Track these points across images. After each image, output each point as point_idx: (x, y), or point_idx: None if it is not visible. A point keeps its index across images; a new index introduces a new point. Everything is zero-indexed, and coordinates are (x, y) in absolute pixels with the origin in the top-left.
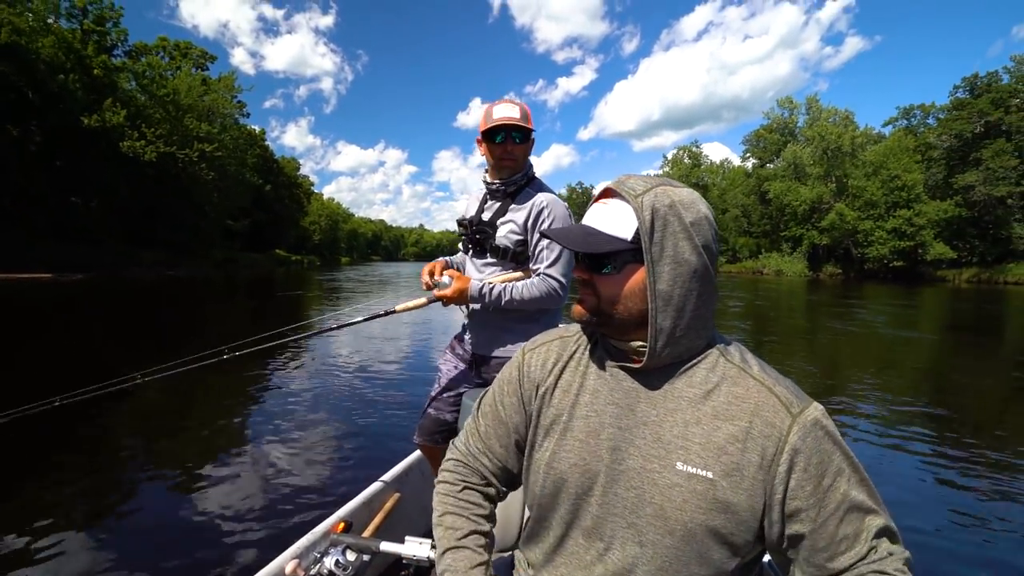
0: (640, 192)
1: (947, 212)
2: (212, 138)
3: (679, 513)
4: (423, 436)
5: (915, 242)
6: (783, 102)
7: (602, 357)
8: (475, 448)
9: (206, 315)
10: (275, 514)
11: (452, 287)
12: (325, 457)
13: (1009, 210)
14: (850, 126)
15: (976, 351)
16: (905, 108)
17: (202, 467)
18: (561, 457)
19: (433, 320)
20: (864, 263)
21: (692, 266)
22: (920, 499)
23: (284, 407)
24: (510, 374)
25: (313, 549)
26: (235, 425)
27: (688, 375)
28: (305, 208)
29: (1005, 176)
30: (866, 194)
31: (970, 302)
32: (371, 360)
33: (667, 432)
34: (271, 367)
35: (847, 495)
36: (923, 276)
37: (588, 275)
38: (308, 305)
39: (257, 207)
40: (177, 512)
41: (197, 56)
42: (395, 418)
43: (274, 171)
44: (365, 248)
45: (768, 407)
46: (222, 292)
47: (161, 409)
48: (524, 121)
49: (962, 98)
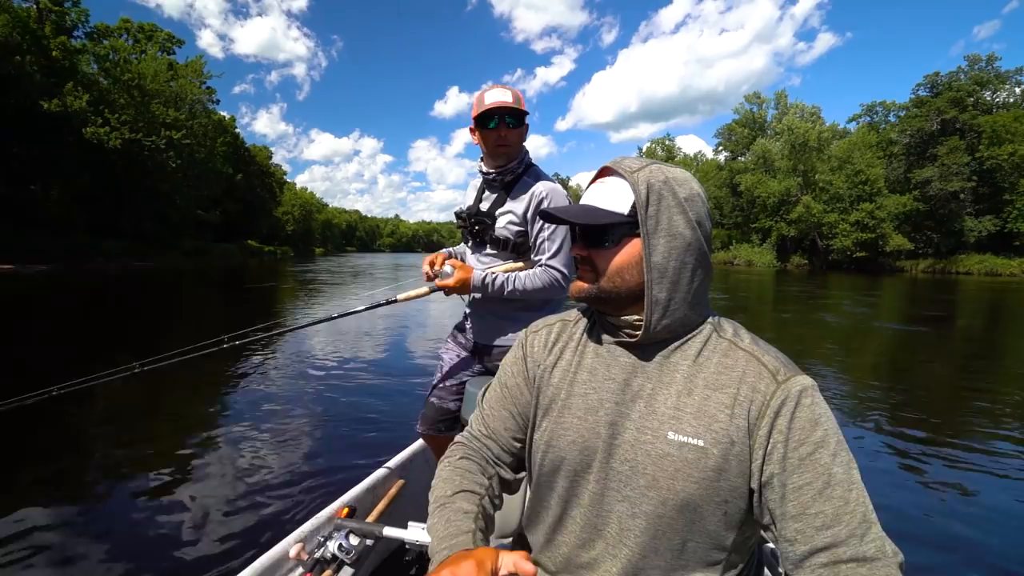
0: (636, 169)
1: (906, 206)
2: (180, 125)
3: (671, 482)
4: (426, 425)
5: (876, 234)
6: (751, 97)
7: (600, 336)
8: (479, 433)
9: (180, 307)
10: (280, 499)
11: (454, 277)
12: (329, 443)
13: (961, 204)
14: (817, 121)
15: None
16: (868, 105)
17: (207, 454)
18: (560, 435)
19: (435, 309)
20: (829, 254)
21: (686, 239)
22: (872, 472)
23: (287, 395)
24: (515, 356)
25: (317, 533)
26: (238, 413)
27: (683, 349)
28: (278, 198)
29: (958, 172)
30: (831, 188)
31: (926, 291)
32: (374, 349)
33: (660, 404)
34: (273, 355)
35: (827, 468)
36: (883, 267)
37: (586, 251)
38: (282, 299)
39: (229, 197)
40: (182, 497)
41: (163, 39)
42: (399, 405)
43: (245, 160)
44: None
45: (754, 373)
46: (191, 284)
47: (162, 397)
48: (517, 104)
49: (923, 96)
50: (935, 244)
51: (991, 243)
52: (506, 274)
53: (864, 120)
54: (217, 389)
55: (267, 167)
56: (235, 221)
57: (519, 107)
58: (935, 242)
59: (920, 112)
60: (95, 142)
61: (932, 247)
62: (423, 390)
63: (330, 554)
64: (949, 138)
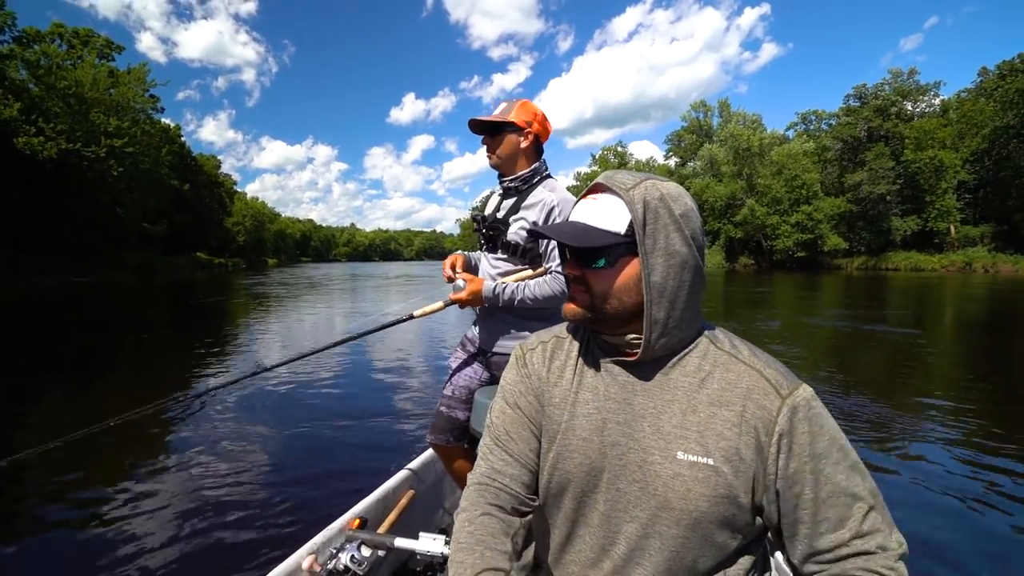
0: (630, 186)
1: (840, 208)
2: (122, 133)
3: (684, 503)
4: (436, 435)
5: (814, 235)
6: (697, 105)
7: (596, 354)
8: (498, 462)
9: (119, 328)
10: (291, 510)
11: (466, 290)
12: (340, 454)
13: (888, 205)
14: (758, 128)
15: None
16: (803, 113)
17: (217, 466)
18: (566, 457)
19: (446, 318)
20: (773, 254)
21: (683, 257)
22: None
23: (297, 406)
24: (518, 374)
25: (329, 545)
26: (248, 425)
27: (681, 365)
28: (228, 208)
29: (885, 176)
30: (772, 191)
31: (860, 288)
32: (384, 359)
33: (666, 423)
34: (284, 367)
35: (832, 476)
36: (822, 265)
37: (580, 271)
38: (234, 314)
39: (176, 208)
40: (196, 508)
41: (101, 45)
42: (409, 415)
43: (192, 169)
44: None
45: (759, 390)
46: (133, 301)
47: (179, 411)
48: (502, 116)
49: (852, 106)
50: (867, 243)
51: (915, 241)
52: (516, 284)
53: (800, 128)
54: (223, 401)
55: (215, 176)
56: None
57: (496, 119)
58: (867, 241)
59: (849, 120)
60: (28, 152)
61: (864, 245)
62: (433, 399)
63: (342, 566)
64: (876, 144)
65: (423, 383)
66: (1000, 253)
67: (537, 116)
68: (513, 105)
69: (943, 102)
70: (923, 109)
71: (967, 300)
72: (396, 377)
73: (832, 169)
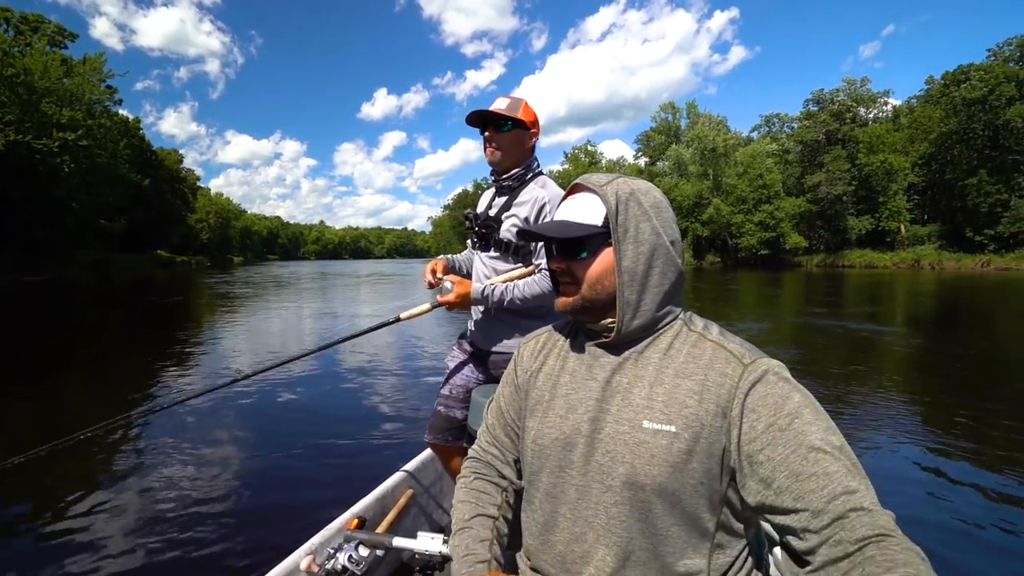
0: (604, 183)
1: (800, 207)
2: (76, 125)
3: (648, 467)
4: (433, 434)
5: (776, 233)
6: (666, 107)
7: (582, 341)
8: (485, 443)
9: (77, 329)
10: (289, 511)
11: (454, 292)
12: (338, 454)
13: (844, 205)
14: (723, 130)
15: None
16: (767, 116)
17: (215, 467)
18: (544, 433)
19: (441, 319)
20: (738, 252)
21: (652, 244)
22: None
23: (294, 407)
24: (509, 367)
25: (327, 545)
26: (244, 426)
27: (655, 344)
28: (191, 204)
29: (841, 177)
30: (737, 191)
31: (820, 283)
32: (380, 359)
33: (636, 396)
34: (278, 368)
35: (804, 438)
36: (783, 262)
37: (564, 263)
38: (198, 315)
39: (135, 204)
40: (193, 510)
41: (52, 32)
42: (407, 415)
43: (152, 164)
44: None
45: (721, 359)
46: (87, 300)
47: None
48: (512, 112)
49: (812, 110)
50: (825, 241)
51: (869, 239)
52: (504, 284)
53: (764, 129)
54: (213, 405)
55: (177, 171)
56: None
57: (505, 113)
58: (825, 239)
59: (808, 124)
60: None
61: (823, 243)
62: (431, 398)
63: (341, 566)
64: (833, 147)
65: (420, 382)
66: (944, 251)
67: (536, 117)
68: (520, 103)
69: (894, 108)
70: (876, 115)
71: (917, 295)
72: (389, 378)
73: (793, 170)
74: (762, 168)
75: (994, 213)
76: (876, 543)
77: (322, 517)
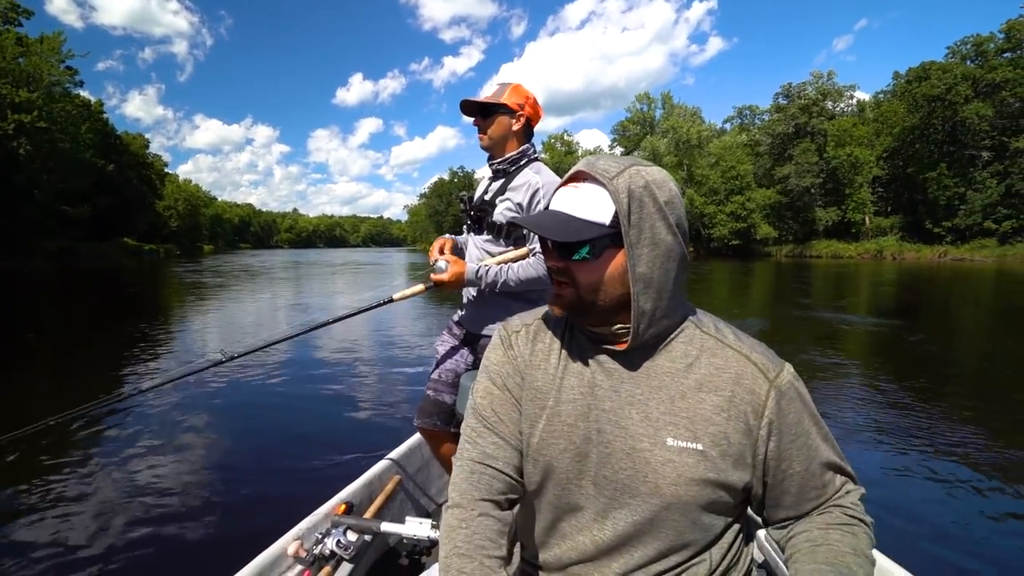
0: (614, 174)
1: (770, 198)
2: (33, 107)
3: (674, 488)
4: (423, 418)
5: (747, 224)
6: (641, 97)
7: (582, 340)
8: (487, 446)
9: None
10: (276, 497)
11: (448, 272)
12: (326, 439)
13: (813, 197)
14: (697, 121)
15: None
16: (739, 108)
17: (200, 451)
18: (550, 443)
19: (432, 301)
20: (711, 242)
21: (668, 246)
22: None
23: (281, 391)
24: (504, 355)
25: (315, 530)
26: (231, 411)
27: (667, 351)
28: (159, 191)
29: (810, 169)
30: (709, 182)
31: (789, 272)
32: (369, 343)
33: (654, 409)
34: (264, 353)
35: (816, 449)
36: (754, 252)
37: (562, 263)
38: (167, 304)
39: (100, 190)
40: (179, 495)
41: (5, 8)
42: (395, 400)
43: (117, 148)
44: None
45: (748, 375)
46: (48, 290)
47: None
48: (496, 98)
49: (781, 103)
50: (794, 231)
51: (835, 230)
52: (499, 266)
53: (736, 121)
54: (196, 391)
55: (143, 156)
56: (109, 217)
57: (487, 100)
58: (794, 230)
59: (779, 117)
60: None
61: (792, 234)
62: (419, 383)
63: (328, 551)
64: (802, 140)
65: (410, 366)
66: (905, 242)
67: (529, 99)
68: (506, 88)
69: (860, 102)
70: (842, 108)
71: (880, 285)
72: (382, 360)
73: (764, 162)
74: (734, 160)
75: (952, 206)
76: (840, 529)
77: (309, 504)
